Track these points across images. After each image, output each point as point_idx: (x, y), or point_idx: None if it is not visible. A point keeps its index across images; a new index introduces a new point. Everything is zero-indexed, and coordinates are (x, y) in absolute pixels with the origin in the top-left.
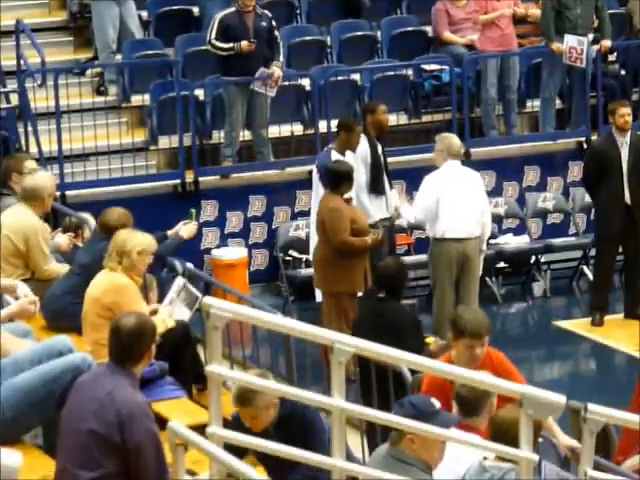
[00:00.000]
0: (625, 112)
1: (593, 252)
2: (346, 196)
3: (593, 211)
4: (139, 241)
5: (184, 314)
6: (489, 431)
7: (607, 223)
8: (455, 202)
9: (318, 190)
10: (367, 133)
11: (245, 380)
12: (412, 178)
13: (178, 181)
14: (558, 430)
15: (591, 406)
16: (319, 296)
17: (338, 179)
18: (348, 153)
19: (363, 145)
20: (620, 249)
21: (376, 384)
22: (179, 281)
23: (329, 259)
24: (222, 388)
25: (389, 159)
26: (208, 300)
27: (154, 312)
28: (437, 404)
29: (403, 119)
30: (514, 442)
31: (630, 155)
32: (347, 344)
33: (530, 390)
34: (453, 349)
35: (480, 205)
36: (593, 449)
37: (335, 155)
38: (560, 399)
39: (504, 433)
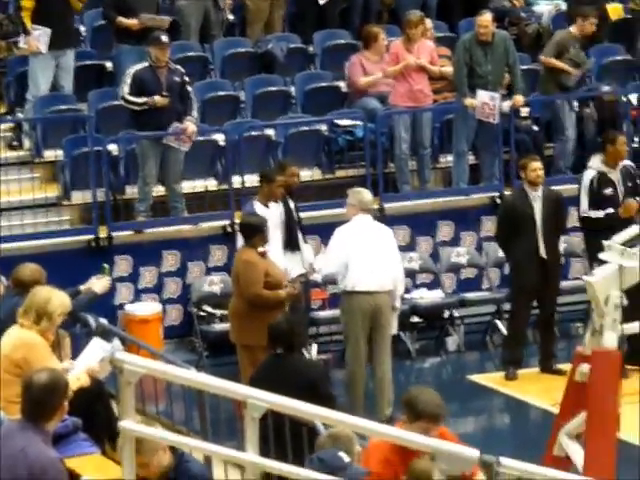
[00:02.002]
0: (536, 167)
1: (506, 306)
2: (260, 249)
3: (508, 266)
4: (61, 302)
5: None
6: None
7: (522, 278)
8: (365, 255)
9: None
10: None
11: (158, 436)
12: (326, 233)
13: (91, 236)
14: None
15: (504, 460)
16: None
17: (250, 232)
18: (273, 204)
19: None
20: (535, 303)
21: (291, 440)
22: (116, 344)
23: (243, 312)
24: None
25: (303, 214)
26: (121, 356)
27: (66, 371)
28: (346, 458)
29: (317, 174)
30: None
31: (544, 209)
32: (261, 399)
33: (443, 445)
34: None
35: (391, 259)
36: None
37: (258, 206)
38: (473, 453)
39: None
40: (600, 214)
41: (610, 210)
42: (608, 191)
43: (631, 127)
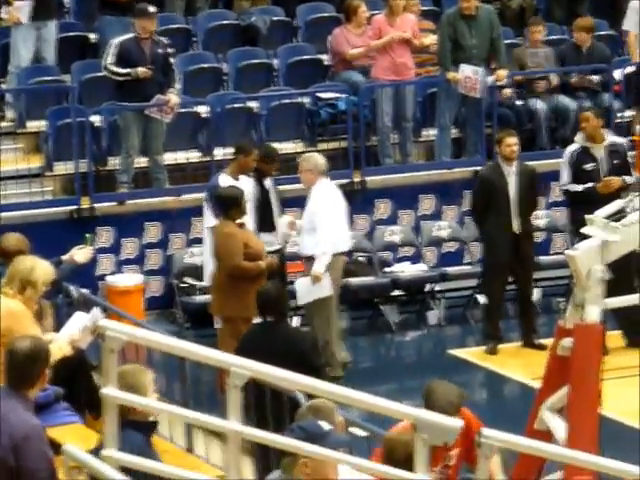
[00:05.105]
0: (512, 142)
1: None
2: (238, 221)
3: (482, 241)
4: (45, 271)
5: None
6: (382, 452)
7: (495, 253)
8: (340, 216)
9: (207, 215)
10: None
11: (141, 404)
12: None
13: (74, 207)
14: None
15: (485, 431)
16: (217, 323)
17: (227, 204)
18: (243, 177)
19: (248, 185)
20: (511, 278)
21: (271, 410)
22: (96, 312)
23: (224, 284)
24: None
25: (285, 187)
26: (104, 323)
27: (49, 342)
28: (327, 426)
29: (299, 147)
30: (406, 464)
31: (518, 185)
32: (244, 367)
33: (425, 414)
34: None
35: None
36: (488, 474)
37: (225, 179)
38: (455, 423)
39: (396, 454)
40: (578, 188)
41: (589, 185)
42: (588, 166)
43: (613, 102)
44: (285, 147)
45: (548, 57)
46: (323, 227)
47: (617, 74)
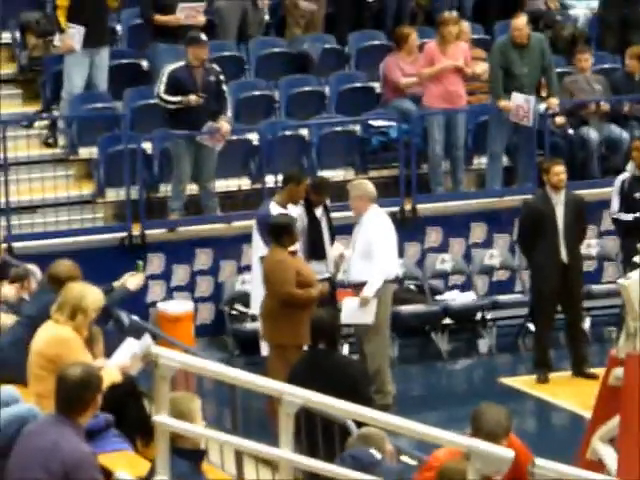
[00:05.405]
0: (559, 170)
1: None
2: (291, 248)
3: (530, 270)
4: (95, 298)
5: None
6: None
7: (543, 282)
8: (392, 243)
9: (257, 243)
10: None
11: (194, 431)
12: None
13: (125, 234)
14: None
15: (539, 461)
16: (264, 350)
17: (280, 232)
18: (291, 206)
19: (296, 213)
20: (560, 307)
21: (322, 438)
22: (147, 339)
23: (275, 311)
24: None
25: (337, 214)
26: (157, 350)
27: (99, 368)
28: (378, 455)
29: (350, 175)
30: None
31: (566, 214)
32: (296, 396)
33: (478, 444)
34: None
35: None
36: None
37: (274, 207)
38: (508, 453)
39: None
40: (629, 217)
41: (639, 214)
42: (639, 195)
43: None
44: (336, 175)
45: (589, 81)
46: (378, 254)
47: None
